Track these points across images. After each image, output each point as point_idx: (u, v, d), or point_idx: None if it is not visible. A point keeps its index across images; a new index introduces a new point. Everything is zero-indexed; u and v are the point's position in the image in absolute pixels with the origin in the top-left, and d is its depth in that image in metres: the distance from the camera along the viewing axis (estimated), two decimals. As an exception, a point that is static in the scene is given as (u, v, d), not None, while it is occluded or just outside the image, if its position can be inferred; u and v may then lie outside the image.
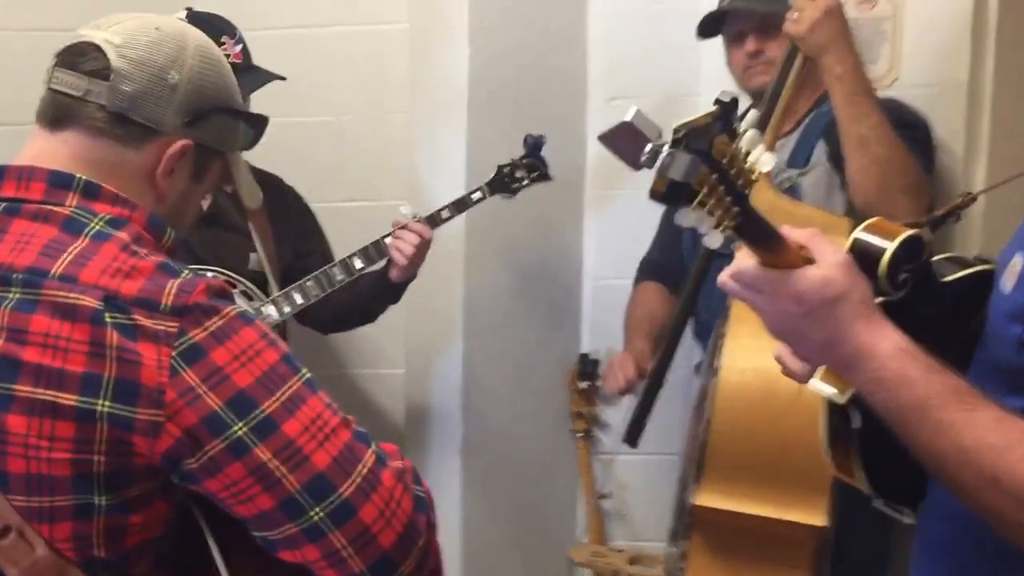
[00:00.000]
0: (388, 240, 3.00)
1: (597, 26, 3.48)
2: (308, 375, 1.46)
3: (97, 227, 1.46)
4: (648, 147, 1.30)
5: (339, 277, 3.00)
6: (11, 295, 1.40)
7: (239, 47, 2.94)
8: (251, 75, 2.92)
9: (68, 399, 1.36)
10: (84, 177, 1.49)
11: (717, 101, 1.35)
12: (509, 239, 3.47)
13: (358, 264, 3.00)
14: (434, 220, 3.04)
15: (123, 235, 1.47)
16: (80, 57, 1.52)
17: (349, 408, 3.36)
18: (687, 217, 1.34)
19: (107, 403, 1.36)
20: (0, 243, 1.45)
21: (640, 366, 2.95)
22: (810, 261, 1.41)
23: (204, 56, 1.58)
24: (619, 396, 3.04)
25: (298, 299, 2.99)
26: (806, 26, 2.57)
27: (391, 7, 3.43)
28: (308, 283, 2.99)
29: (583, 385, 3.55)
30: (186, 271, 1.45)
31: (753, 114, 1.37)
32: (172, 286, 1.40)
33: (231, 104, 1.63)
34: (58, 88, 1.53)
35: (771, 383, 2.23)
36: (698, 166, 1.30)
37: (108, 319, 1.37)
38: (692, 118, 1.33)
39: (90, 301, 1.38)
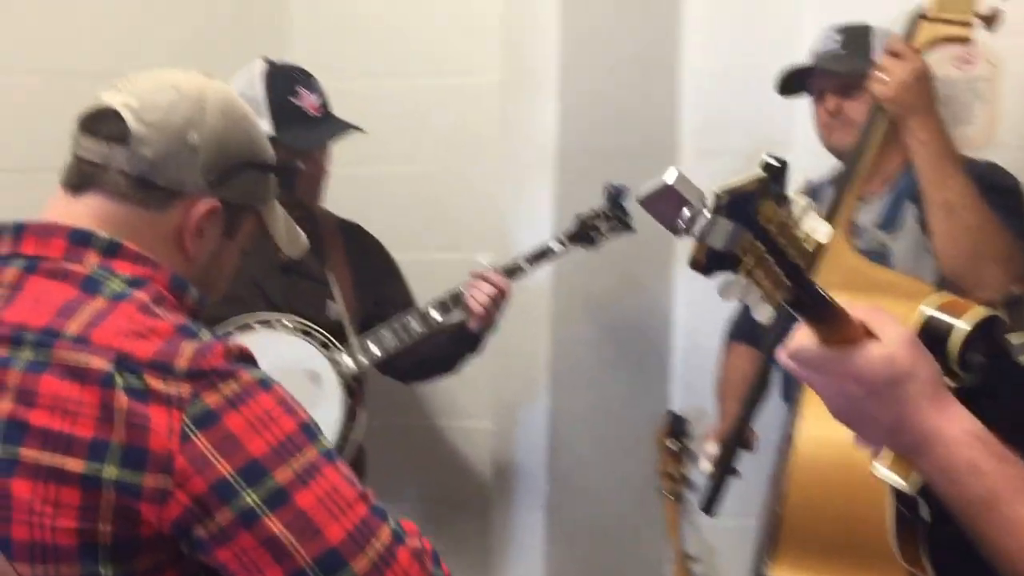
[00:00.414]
0: (465, 291, 2.96)
1: (690, 80, 3.44)
2: (327, 446, 1.41)
3: (116, 287, 1.43)
4: (686, 212, 1.22)
5: (416, 328, 2.97)
6: (23, 356, 1.37)
7: (315, 97, 2.93)
8: (328, 126, 2.92)
9: (75, 465, 1.32)
10: (105, 235, 1.46)
11: (765, 165, 1.28)
12: (596, 292, 3.42)
13: (435, 315, 2.97)
14: (512, 271, 2.99)
15: (142, 295, 1.43)
16: (99, 123, 1.50)
17: (434, 460, 3.37)
18: (731, 289, 1.27)
19: (114, 470, 1.32)
20: (16, 302, 1.42)
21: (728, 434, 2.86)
22: (873, 338, 1.33)
23: (226, 113, 1.54)
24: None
25: (375, 350, 2.96)
26: (893, 89, 2.52)
27: (482, 59, 3.42)
28: (385, 334, 2.96)
29: (672, 444, 3.46)
30: (206, 334, 1.41)
31: (805, 182, 1.29)
32: (188, 349, 1.36)
33: (258, 159, 1.59)
34: (80, 155, 1.51)
35: (847, 454, 2.11)
36: (741, 234, 1.23)
37: (119, 382, 1.33)
38: (736, 182, 1.26)
39: (101, 363, 1.34)
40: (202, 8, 3.41)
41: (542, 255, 3.02)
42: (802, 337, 1.34)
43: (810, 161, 2.75)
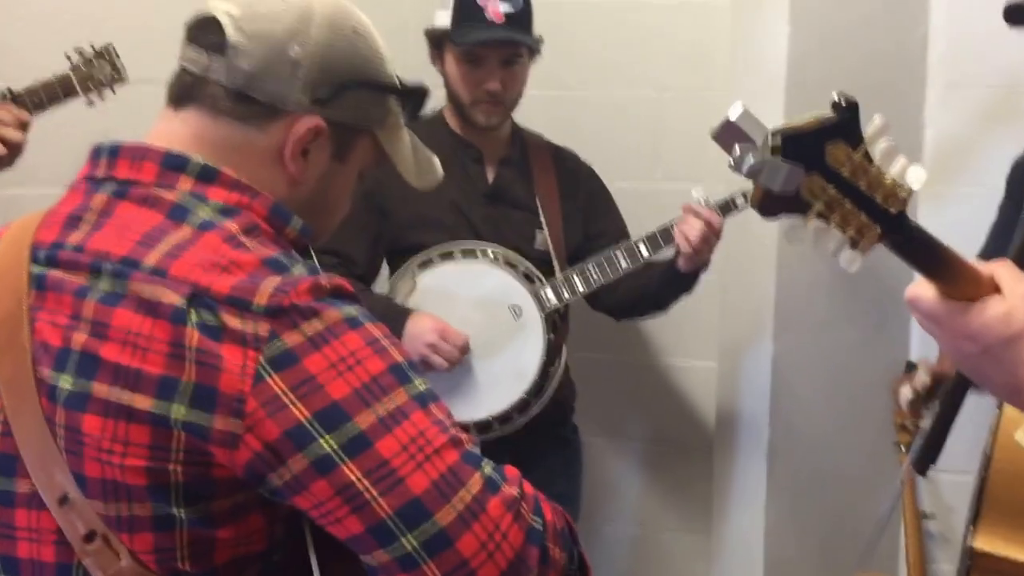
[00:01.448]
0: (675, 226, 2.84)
1: (939, 5, 3.17)
2: (422, 388, 1.31)
3: (204, 215, 1.34)
4: (736, 150, 1.12)
5: (623, 264, 2.87)
6: (100, 286, 1.30)
7: (504, 5, 2.83)
8: (500, 33, 2.82)
9: (143, 403, 1.26)
10: (201, 160, 1.38)
11: (834, 104, 1.17)
12: (831, 231, 3.22)
13: (643, 251, 2.87)
14: (727, 207, 2.84)
15: (232, 225, 1.34)
16: (202, 31, 1.42)
17: (658, 398, 3.28)
18: (796, 233, 1.17)
19: (182, 409, 1.25)
20: (102, 228, 1.35)
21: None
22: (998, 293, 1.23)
23: (335, 27, 1.42)
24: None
25: (579, 285, 2.89)
26: None
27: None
28: (590, 268, 2.88)
29: (910, 395, 3.24)
30: (299, 267, 1.33)
31: (881, 120, 1.17)
32: (270, 284, 1.27)
33: (372, 78, 1.46)
34: (184, 64, 1.43)
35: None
36: (799, 176, 1.13)
37: (192, 317, 1.26)
38: (796, 121, 1.15)
39: (174, 297, 1.26)
40: None
41: None
42: (920, 286, 1.27)
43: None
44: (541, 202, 2.97)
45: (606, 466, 3.65)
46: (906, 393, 2.69)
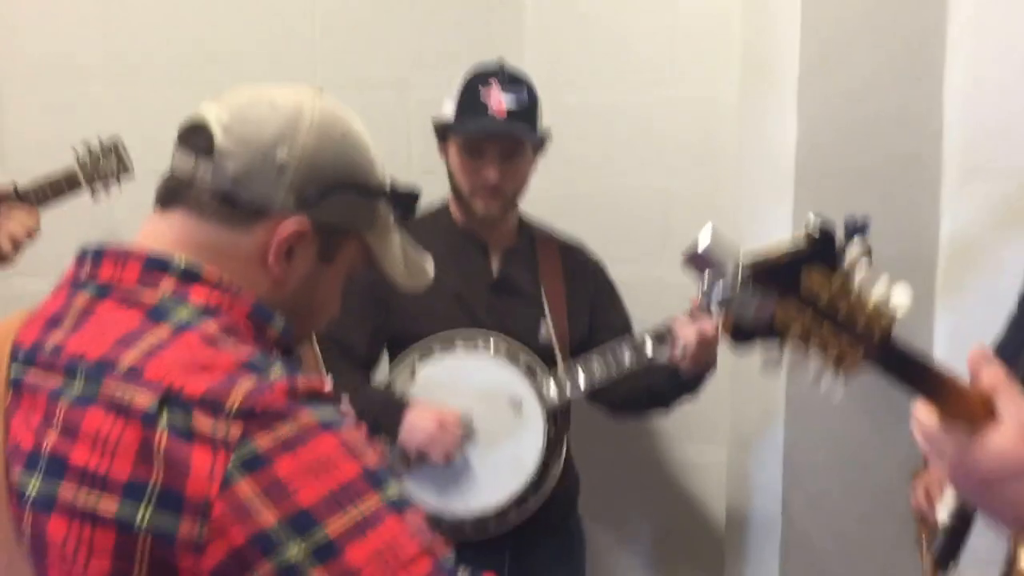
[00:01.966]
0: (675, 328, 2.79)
1: (954, 97, 3.12)
2: (395, 495, 1.27)
3: (184, 316, 1.34)
4: (705, 283, 1.09)
5: (627, 360, 2.81)
6: (74, 387, 1.30)
7: (507, 98, 2.80)
8: (500, 125, 2.80)
9: (109, 507, 1.23)
10: (184, 260, 1.39)
11: (807, 235, 1.16)
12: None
13: (648, 347, 2.80)
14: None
15: (210, 325, 1.34)
16: (191, 135, 1.44)
17: (666, 491, 3.18)
18: (773, 363, 1.14)
19: (148, 513, 1.22)
20: (81, 329, 1.35)
21: None
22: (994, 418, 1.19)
23: (323, 132, 1.44)
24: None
25: (582, 381, 2.83)
26: None
27: (723, 72, 3.24)
28: (594, 363, 2.82)
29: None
30: (278, 369, 1.30)
31: (860, 244, 1.12)
32: (245, 386, 1.25)
33: (360, 182, 1.47)
34: (172, 168, 1.45)
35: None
36: (773, 307, 1.09)
37: (163, 419, 1.23)
38: (766, 252, 1.13)
39: (145, 400, 1.25)
40: (441, 20, 3.45)
41: None
42: (922, 411, 1.26)
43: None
44: (546, 294, 2.93)
45: (611, 559, 3.57)
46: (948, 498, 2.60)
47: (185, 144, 1.44)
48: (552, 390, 2.82)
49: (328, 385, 1.34)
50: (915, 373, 1.20)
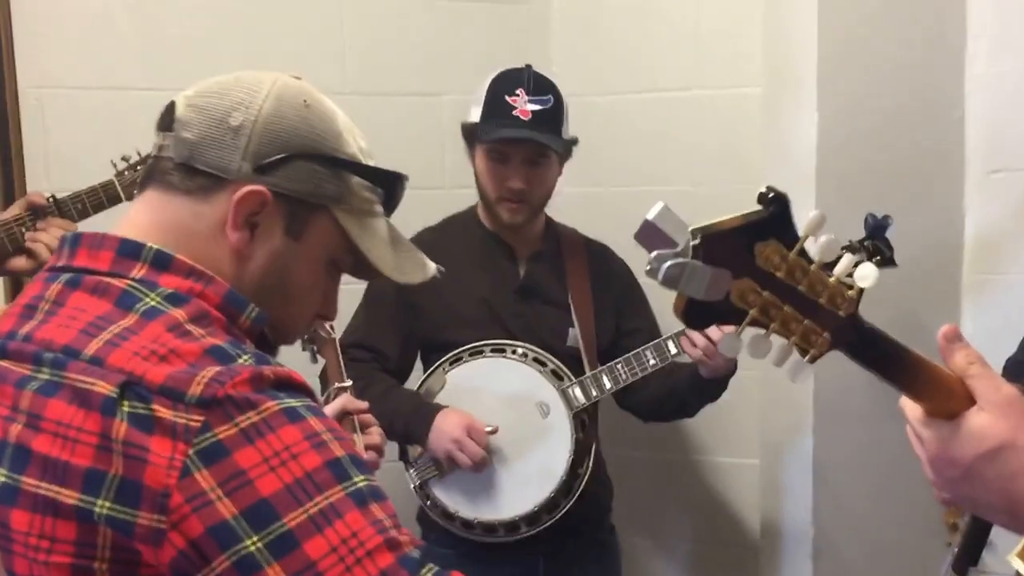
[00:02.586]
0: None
1: (976, 90, 3.08)
2: (360, 484, 1.25)
3: (151, 303, 1.31)
4: (653, 255, 1.07)
5: (652, 361, 2.82)
6: (40, 376, 1.27)
7: (533, 104, 2.81)
8: (524, 130, 2.79)
9: (69, 497, 1.21)
10: (156, 247, 1.35)
11: (762, 197, 1.10)
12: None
13: (671, 348, 2.81)
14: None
15: (178, 313, 1.30)
16: (162, 116, 1.43)
17: (700, 497, 3.17)
18: (733, 343, 1.10)
19: (107, 504, 1.21)
20: (53, 318, 1.32)
21: None
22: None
23: (283, 99, 1.41)
24: None
25: (607, 383, 2.84)
26: None
27: (746, 73, 3.25)
28: (619, 366, 2.83)
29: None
30: (245, 357, 1.28)
31: (817, 213, 1.09)
32: (207, 374, 1.22)
33: (325, 152, 1.42)
34: (151, 151, 1.45)
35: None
36: (725, 281, 1.07)
37: (124, 408, 1.22)
38: (719, 220, 1.09)
39: (105, 387, 1.22)
40: (469, 29, 3.47)
41: None
42: (906, 405, 1.21)
43: None
44: (573, 298, 2.93)
45: (648, 569, 3.56)
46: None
47: (158, 125, 1.43)
48: (579, 394, 2.83)
49: (300, 376, 1.32)
50: (887, 356, 1.14)
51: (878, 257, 2.74)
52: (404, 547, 1.24)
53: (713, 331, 2.62)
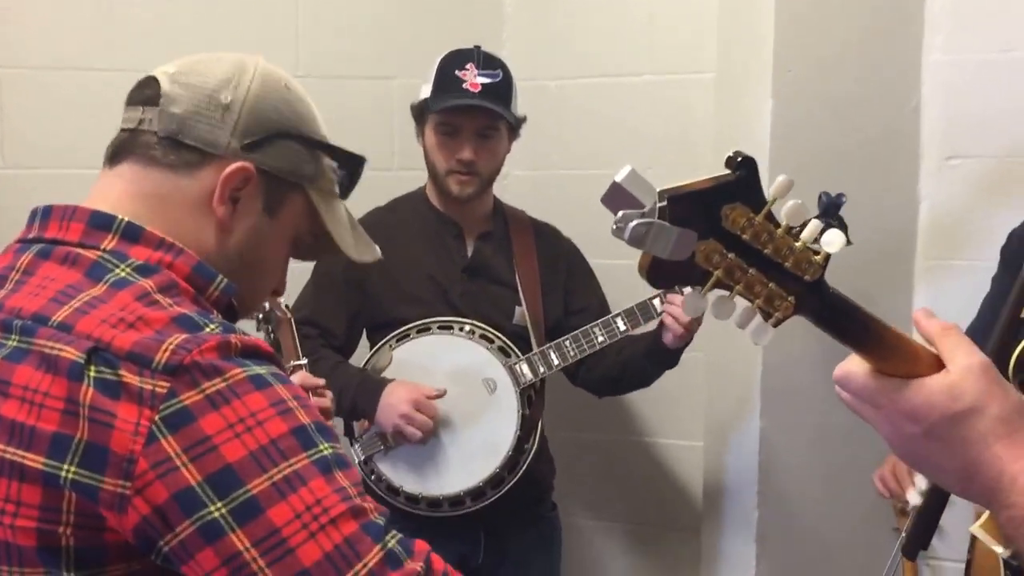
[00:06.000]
0: (656, 302, 2.79)
1: (933, 77, 3.10)
2: (326, 452, 1.26)
3: (121, 273, 1.32)
4: (620, 214, 1.05)
5: (600, 339, 2.83)
6: (9, 343, 1.29)
7: (482, 78, 2.83)
8: (474, 100, 2.81)
9: (35, 461, 1.22)
10: (126, 219, 1.37)
11: (730, 160, 1.09)
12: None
13: (621, 326, 2.83)
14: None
15: (147, 283, 1.32)
16: (139, 90, 1.45)
17: (643, 478, 3.18)
18: (697, 303, 1.09)
19: (73, 469, 1.21)
20: (23, 287, 1.34)
21: None
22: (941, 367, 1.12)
23: (267, 80, 1.45)
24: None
25: (554, 359, 2.84)
26: None
27: (700, 57, 3.24)
28: (566, 343, 2.84)
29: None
30: (212, 326, 1.29)
31: (785, 178, 1.08)
32: (173, 341, 1.23)
33: (305, 132, 1.47)
34: (121, 126, 1.45)
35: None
36: (691, 242, 1.05)
37: (91, 373, 1.22)
38: (687, 182, 1.07)
39: (73, 352, 1.23)
40: (422, 13, 3.47)
41: None
42: (851, 362, 1.16)
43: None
44: (520, 277, 2.94)
45: (590, 548, 3.56)
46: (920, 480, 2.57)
47: (133, 100, 1.44)
48: (525, 370, 2.84)
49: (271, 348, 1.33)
50: (852, 323, 1.12)
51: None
52: (368, 514, 1.26)
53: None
